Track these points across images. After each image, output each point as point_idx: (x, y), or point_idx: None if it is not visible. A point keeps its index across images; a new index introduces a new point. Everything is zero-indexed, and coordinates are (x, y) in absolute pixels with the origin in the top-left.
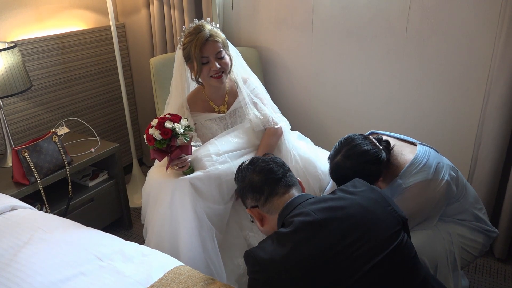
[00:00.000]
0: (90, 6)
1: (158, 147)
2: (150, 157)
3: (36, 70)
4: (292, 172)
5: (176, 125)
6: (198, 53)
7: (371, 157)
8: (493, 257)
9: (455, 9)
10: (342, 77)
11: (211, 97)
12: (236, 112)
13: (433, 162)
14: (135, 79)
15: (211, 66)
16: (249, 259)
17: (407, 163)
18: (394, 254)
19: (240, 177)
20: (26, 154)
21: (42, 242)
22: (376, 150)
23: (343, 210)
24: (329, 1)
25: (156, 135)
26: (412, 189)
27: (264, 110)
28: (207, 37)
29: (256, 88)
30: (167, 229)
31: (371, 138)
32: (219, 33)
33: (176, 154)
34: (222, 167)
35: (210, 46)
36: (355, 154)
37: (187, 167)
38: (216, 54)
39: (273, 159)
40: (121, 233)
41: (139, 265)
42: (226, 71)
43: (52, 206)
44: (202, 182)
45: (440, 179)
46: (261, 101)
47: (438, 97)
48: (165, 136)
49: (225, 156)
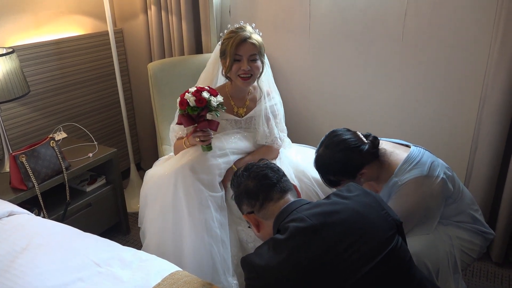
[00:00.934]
0: (88, 11)
1: (189, 112)
2: (177, 122)
3: (34, 76)
4: (287, 177)
5: (212, 98)
6: (234, 50)
7: (348, 145)
8: (490, 261)
9: (451, 15)
10: (339, 81)
11: (233, 96)
12: (253, 119)
13: (427, 160)
14: (132, 84)
15: (241, 65)
16: (246, 265)
17: (400, 162)
18: (389, 258)
19: (235, 184)
20: (24, 159)
21: (39, 248)
22: (355, 139)
23: (337, 215)
24: (326, 6)
25: (190, 100)
26: (407, 185)
27: (273, 129)
28: (246, 37)
29: (276, 104)
30: (170, 223)
31: (355, 132)
32: (259, 38)
33: (203, 125)
34: (223, 160)
35: (246, 47)
36: (334, 143)
37: (208, 142)
38: (249, 55)
39: (268, 165)
40: (119, 238)
41: (137, 270)
42: (255, 75)
43: (50, 212)
44: (204, 170)
45: (436, 176)
46: (275, 118)
47: (434, 102)
48: (199, 104)
49: (227, 150)
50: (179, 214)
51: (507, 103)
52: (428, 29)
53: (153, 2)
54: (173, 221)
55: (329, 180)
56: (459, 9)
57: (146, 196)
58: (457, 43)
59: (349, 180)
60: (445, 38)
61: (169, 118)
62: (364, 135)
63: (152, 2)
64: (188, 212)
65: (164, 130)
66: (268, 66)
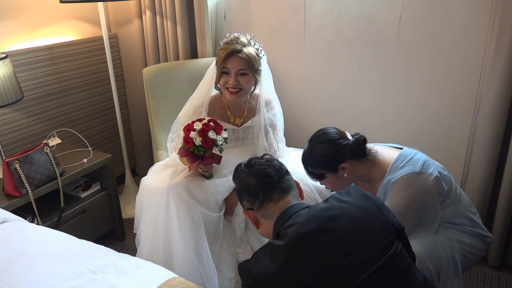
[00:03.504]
0: (82, 16)
1: (194, 151)
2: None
3: (28, 81)
4: (290, 175)
5: (218, 137)
6: (221, 63)
7: (328, 137)
8: (487, 264)
9: (446, 19)
10: (334, 86)
11: (229, 106)
12: (250, 129)
13: (420, 159)
14: (127, 89)
15: (229, 78)
16: (243, 272)
17: (393, 160)
18: (387, 265)
19: (237, 178)
20: (18, 165)
21: (33, 255)
22: (336, 133)
23: (336, 221)
24: (321, 11)
25: (197, 141)
26: (401, 181)
27: (272, 142)
28: (236, 50)
29: (275, 115)
30: (161, 237)
31: (342, 131)
32: (251, 51)
33: (208, 162)
34: (220, 180)
35: (235, 60)
36: (315, 137)
37: (210, 172)
38: (238, 70)
39: (271, 162)
40: (114, 245)
41: (133, 277)
42: (244, 89)
43: (44, 218)
44: (199, 187)
45: (429, 173)
46: (273, 130)
47: (430, 105)
48: (205, 145)
49: (225, 171)
50: (170, 230)
51: (502, 106)
52: (423, 33)
53: (148, 7)
54: (164, 236)
55: (312, 173)
56: (454, 13)
57: (141, 203)
58: (452, 47)
59: (331, 173)
60: (440, 42)
61: (164, 123)
62: (351, 134)
63: (147, 7)
64: (180, 229)
65: (159, 135)
66: (270, 77)
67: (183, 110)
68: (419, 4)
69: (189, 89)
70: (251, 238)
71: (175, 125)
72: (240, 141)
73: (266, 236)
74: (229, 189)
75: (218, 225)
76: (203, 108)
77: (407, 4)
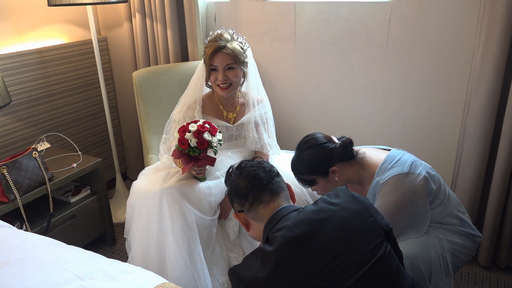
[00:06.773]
0: (71, 19)
1: (189, 152)
2: (170, 155)
3: (16, 85)
4: (280, 177)
5: (213, 139)
6: (208, 61)
7: (315, 142)
8: (477, 264)
9: (434, 20)
10: (324, 88)
11: (222, 102)
12: (243, 126)
13: (408, 159)
14: (117, 92)
15: (217, 75)
16: (234, 277)
17: (381, 162)
18: (375, 268)
19: (228, 181)
20: (5, 171)
21: (21, 262)
22: (323, 138)
23: (324, 224)
24: (311, 14)
25: (192, 142)
26: (389, 183)
27: (262, 134)
28: (220, 47)
29: (267, 112)
30: (154, 240)
31: (326, 134)
32: (236, 46)
33: (202, 163)
34: (213, 182)
35: (220, 57)
36: (303, 143)
37: (203, 174)
38: (225, 65)
39: (261, 164)
40: (105, 250)
41: (122, 283)
42: (234, 83)
43: (33, 224)
44: (193, 190)
45: (417, 174)
46: (264, 125)
47: (420, 107)
48: (201, 147)
49: (217, 173)
50: (163, 233)
51: (491, 107)
52: (413, 35)
53: (137, 10)
54: (157, 240)
55: (303, 180)
56: (443, 15)
57: (133, 207)
58: (441, 48)
59: (321, 177)
60: (429, 44)
61: (154, 126)
62: (338, 138)
63: (137, 10)
64: (173, 232)
65: (150, 138)
66: (256, 70)
67: (176, 108)
68: (407, 5)
69: (179, 92)
70: (243, 243)
71: (168, 125)
72: (233, 141)
73: (257, 238)
74: (222, 191)
75: (211, 230)
76: (197, 103)
77: (396, 5)
